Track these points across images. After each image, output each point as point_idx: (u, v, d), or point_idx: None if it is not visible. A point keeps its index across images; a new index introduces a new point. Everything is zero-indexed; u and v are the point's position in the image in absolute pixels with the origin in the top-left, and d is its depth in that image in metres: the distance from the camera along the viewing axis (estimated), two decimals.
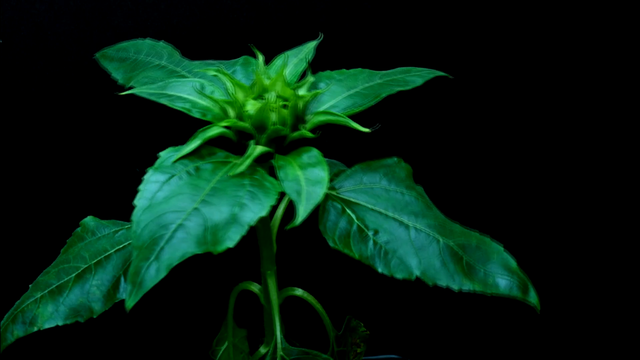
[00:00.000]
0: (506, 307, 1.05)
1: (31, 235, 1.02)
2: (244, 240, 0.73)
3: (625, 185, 1.06)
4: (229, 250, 0.58)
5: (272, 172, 0.63)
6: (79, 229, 0.73)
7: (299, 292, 0.73)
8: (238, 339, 0.77)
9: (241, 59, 0.75)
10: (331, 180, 0.68)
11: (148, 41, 0.77)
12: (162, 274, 0.56)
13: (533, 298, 0.63)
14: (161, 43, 0.76)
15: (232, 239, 0.58)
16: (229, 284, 0.75)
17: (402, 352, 1.07)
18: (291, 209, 0.60)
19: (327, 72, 0.72)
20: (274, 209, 0.72)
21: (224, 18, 0.99)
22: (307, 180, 0.61)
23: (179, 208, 0.58)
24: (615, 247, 1.07)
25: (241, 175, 0.62)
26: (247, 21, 0.99)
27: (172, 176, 0.61)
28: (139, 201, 0.59)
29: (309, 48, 0.73)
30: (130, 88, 0.69)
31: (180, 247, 0.56)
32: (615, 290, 1.08)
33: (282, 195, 0.63)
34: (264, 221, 0.71)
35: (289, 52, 0.73)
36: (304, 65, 0.71)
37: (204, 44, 1.00)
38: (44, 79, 0.99)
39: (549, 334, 1.08)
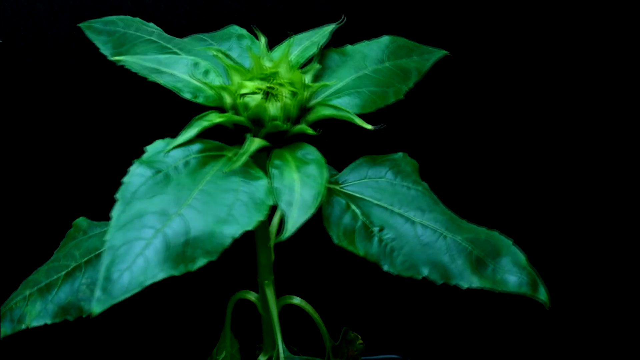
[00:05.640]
0: (507, 307, 1.05)
1: (27, 237, 1.01)
2: (241, 247, 0.70)
3: (633, 182, 1.04)
4: (227, 257, 0.55)
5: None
6: (71, 230, 0.71)
7: (296, 300, 0.71)
8: (235, 349, 0.75)
9: (233, 32, 0.71)
10: (334, 175, 0.65)
11: (137, 19, 0.74)
12: (135, 289, 0.52)
13: (542, 295, 0.61)
14: (151, 24, 0.73)
15: (214, 253, 0.54)
16: (226, 291, 0.74)
17: (402, 352, 1.06)
18: None
19: (331, 50, 0.69)
20: (271, 214, 0.69)
21: (224, 18, 0.98)
22: (302, 188, 0.58)
23: (161, 210, 0.55)
24: (622, 244, 1.06)
25: (234, 174, 0.58)
26: (247, 21, 0.98)
27: (159, 171, 0.57)
28: (121, 195, 0.56)
29: (324, 32, 0.68)
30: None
31: (156, 262, 0.53)
32: (623, 288, 1.06)
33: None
34: (262, 229, 0.68)
35: (301, 35, 0.69)
36: (314, 50, 0.67)
37: None
38: (44, 79, 0.98)
39: (552, 333, 1.07)
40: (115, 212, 0.54)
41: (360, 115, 0.63)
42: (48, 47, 0.98)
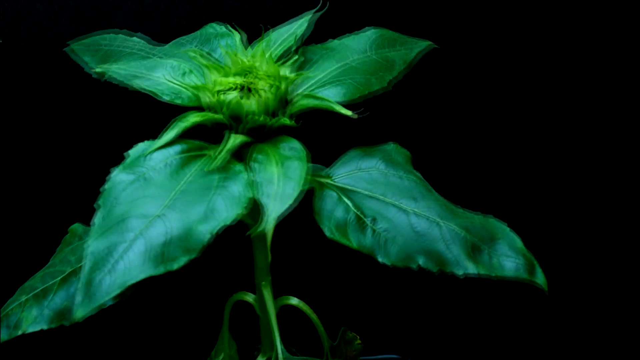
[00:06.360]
0: (508, 307, 1.04)
1: (24, 243, 1.01)
2: (237, 248, 0.69)
3: (628, 170, 1.04)
4: (224, 258, 0.55)
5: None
6: (67, 235, 0.71)
7: (294, 301, 0.70)
8: (233, 351, 0.75)
9: (214, 32, 0.71)
10: (324, 168, 0.65)
11: (122, 34, 0.74)
12: (116, 290, 0.52)
13: (540, 279, 0.61)
14: (135, 37, 0.73)
15: (193, 250, 0.54)
16: (224, 293, 0.74)
17: (402, 352, 1.05)
18: (287, 216, 0.57)
19: (314, 46, 0.69)
20: None
21: (224, 18, 0.98)
22: (283, 181, 0.57)
23: (142, 213, 0.55)
24: (619, 235, 1.05)
25: (213, 172, 0.58)
26: (247, 21, 0.98)
27: (140, 175, 0.57)
28: (102, 202, 0.55)
29: (303, 22, 0.68)
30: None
31: (137, 263, 0.53)
32: (621, 275, 1.06)
33: None
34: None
35: (281, 28, 0.68)
36: (292, 41, 0.67)
37: None
38: (44, 79, 0.98)
39: (551, 333, 1.06)
40: (96, 219, 0.55)
41: (345, 105, 0.62)
42: (48, 47, 0.98)
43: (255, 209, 0.64)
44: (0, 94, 0.98)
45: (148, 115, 0.98)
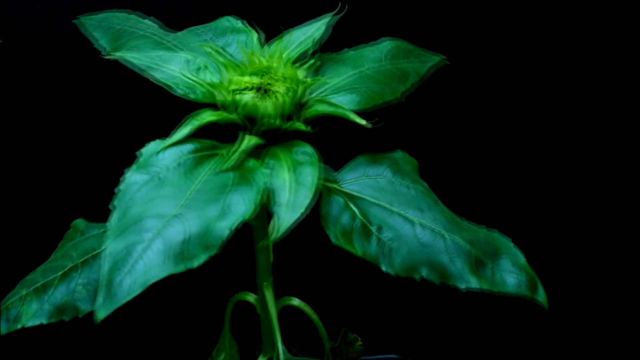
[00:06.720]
0: (508, 306, 1.04)
1: (26, 238, 1.01)
2: (240, 248, 0.69)
3: (633, 182, 1.04)
4: (226, 258, 0.55)
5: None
6: (69, 231, 0.70)
7: (295, 301, 0.70)
8: (234, 351, 0.74)
9: (229, 26, 0.71)
10: (332, 173, 0.65)
11: (134, 15, 0.73)
12: (137, 290, 0.52)
13: (541, 297, 0.61)
14: (147, 20, 0.72)
15: (213, 247, 0.54)
16: (225, 293, 0.73)
17: (402, 352, 1.06)
18: None
19: (329, 53, 0.68)
20: (270, 215, 0.69)
21: None
22: (295, 189, 0.57)
23: (158, 213, 0.54)
24: (622, 247, 1.05)
25: (227, 171, 0.58)
26: (247, 21, 0.98)
27: (153, 175, 0.57)
28: (117, 203, 0.55)
29: (321, 25, 0.67)
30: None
31: (157, 262, 0.52)
32: (622, 291, 1.06)
33: None
34: (261, 230, 0.67)
35: (297, 30, 0.68)
36: (310, 44, 0.66)
37: None
38: (44, 79, 0.98)
39: (553, 333, 1.06)
40: (112, 220, 0.54)
41: (358, 113, 0.62)
42: (48, 47, 0.97)
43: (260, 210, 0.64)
44: (0, 94, 0.98)
45: (149, 114, 0.99)
